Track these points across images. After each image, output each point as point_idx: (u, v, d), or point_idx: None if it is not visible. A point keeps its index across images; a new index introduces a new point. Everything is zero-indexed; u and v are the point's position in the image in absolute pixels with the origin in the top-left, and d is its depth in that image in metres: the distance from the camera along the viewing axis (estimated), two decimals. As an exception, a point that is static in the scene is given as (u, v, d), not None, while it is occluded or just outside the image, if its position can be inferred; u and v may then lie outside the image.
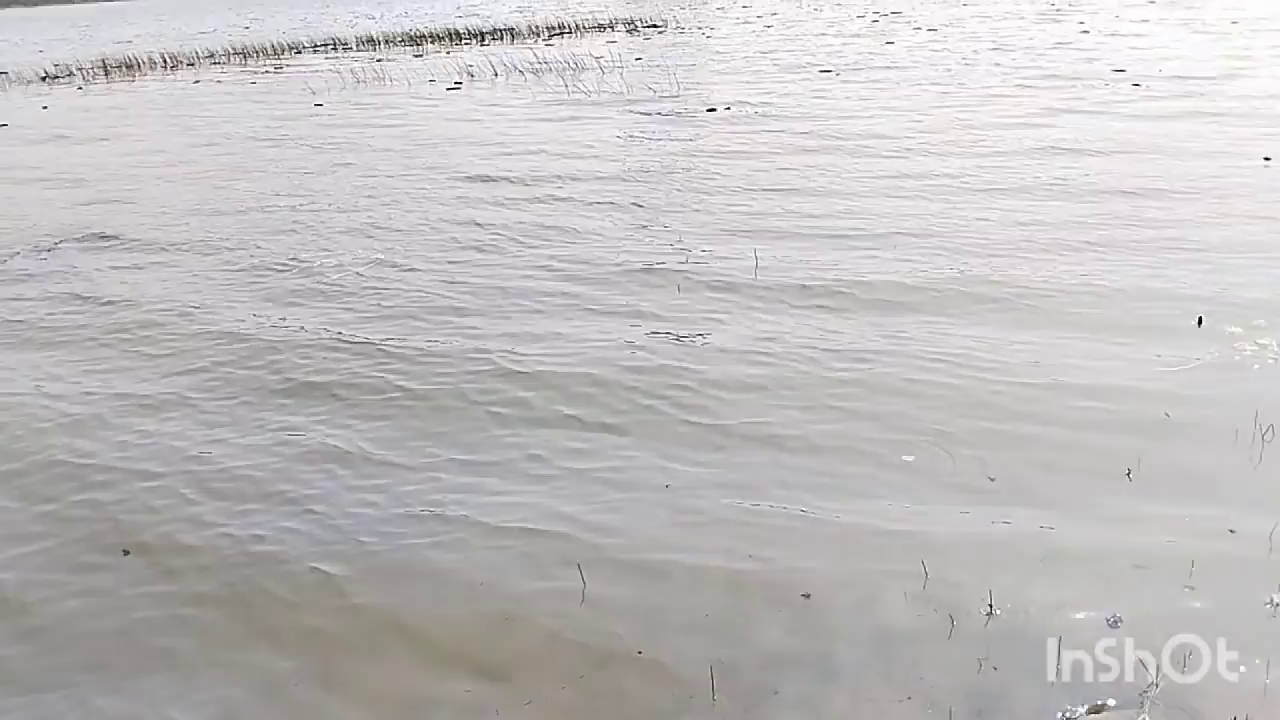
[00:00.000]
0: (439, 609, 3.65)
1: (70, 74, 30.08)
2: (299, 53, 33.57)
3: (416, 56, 29.50)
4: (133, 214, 9.99)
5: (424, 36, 35.60)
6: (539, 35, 34.01)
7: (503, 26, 36.53)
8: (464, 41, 33.76)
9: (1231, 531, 3.77)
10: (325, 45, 35.07)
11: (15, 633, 3.70)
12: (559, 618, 3.57)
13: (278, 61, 30.79)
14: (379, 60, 27.87)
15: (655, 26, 36.59)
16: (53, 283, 7.66)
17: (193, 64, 31.53)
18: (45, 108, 22.14)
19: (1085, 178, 9.14)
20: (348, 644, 3.54)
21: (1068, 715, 3.01)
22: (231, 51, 33.80)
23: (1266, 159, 9.29)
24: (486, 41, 33.21)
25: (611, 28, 36.66)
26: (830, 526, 3.99)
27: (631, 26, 36.85)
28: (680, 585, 3.70)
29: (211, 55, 33.25)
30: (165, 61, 31.82)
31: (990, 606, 3.44)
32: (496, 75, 22.14)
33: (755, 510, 4.12)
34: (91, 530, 4.25)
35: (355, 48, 34.09)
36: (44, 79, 29.27)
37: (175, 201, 10.54)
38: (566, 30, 35.58)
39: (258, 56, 32.87)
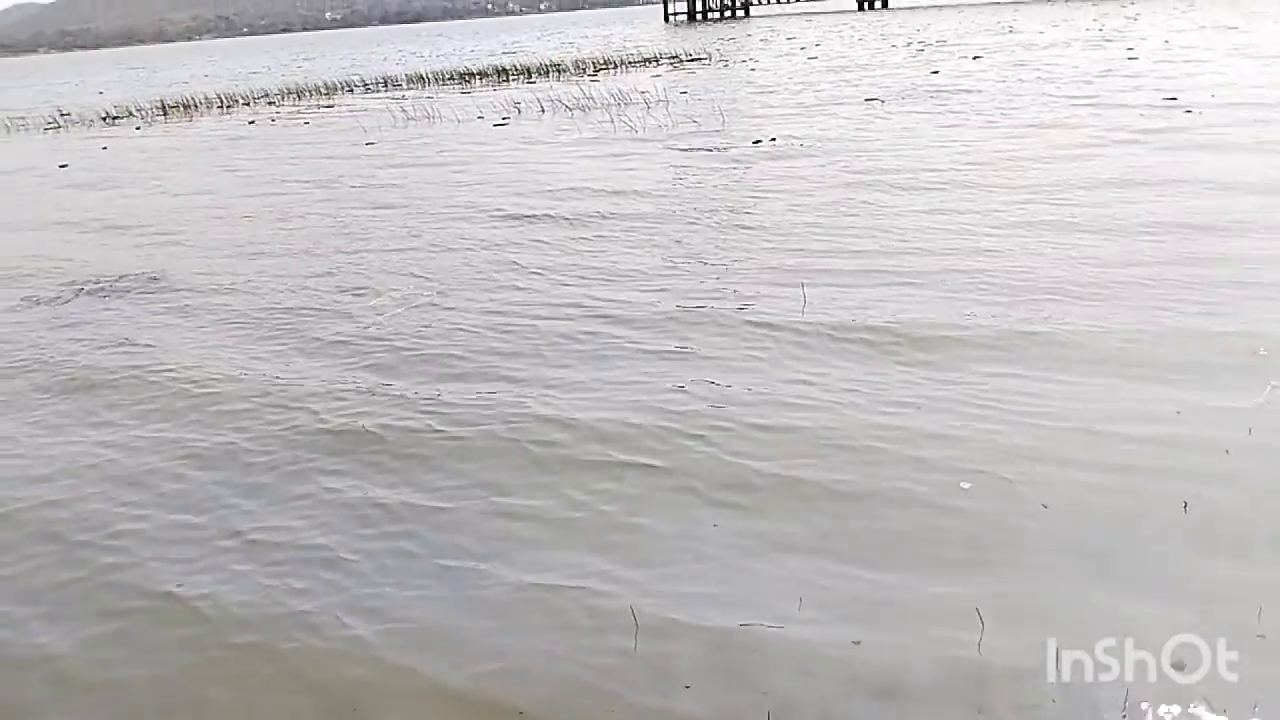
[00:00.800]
0: (474, 661, 3.59)
1: (130, 114, 30.95)
2: (350, 91, 34.24)
3: (464, 94, 29.91)
4: (182, 257, 10.17)
5: (472, 74, 36.18)
6: (584, 71, 34.35)
7: (549, 63, 36.97)
8: (511, 78, 34.20)
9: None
10: (376, 84, 35.73)
11: (46, 679, 3.70)
12: (598, 669, 3.49)
13: (330, 101, 31.38)
14: (428, 98, 28.30)
15: (699, 59, 36.84)
16: (100, 326, 7.78)
17: (248, 104, 32.27)
18: (105, 148, 22.74)
19: (1136, 212, 8.92)
20: (380, 695, 3.49)
21: None
22: (285, 91, 34.55)
23: None
24: (533, 78, 33.60)
25: (656, 62, 36.98)
26: (877, 575, 3.90)
27: (676, 60, 37.13)
28: (725, 637, 3.60)
29: (266, 95, 34.02)
30: (221, 102, 32.61)
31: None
32: (543, 111, 22.35)
33: (801, 559, 4.03)
34: (124, 577, 4.25)
35: (405, 85, 34.71)
36: (104, 119, 30.14)
37: (224, 244, 10.71)
38: (612, 65, 35.92)
39: (310, 95, 33.55)
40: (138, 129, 27.18)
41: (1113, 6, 56.70)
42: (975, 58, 28.26)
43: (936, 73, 24.79)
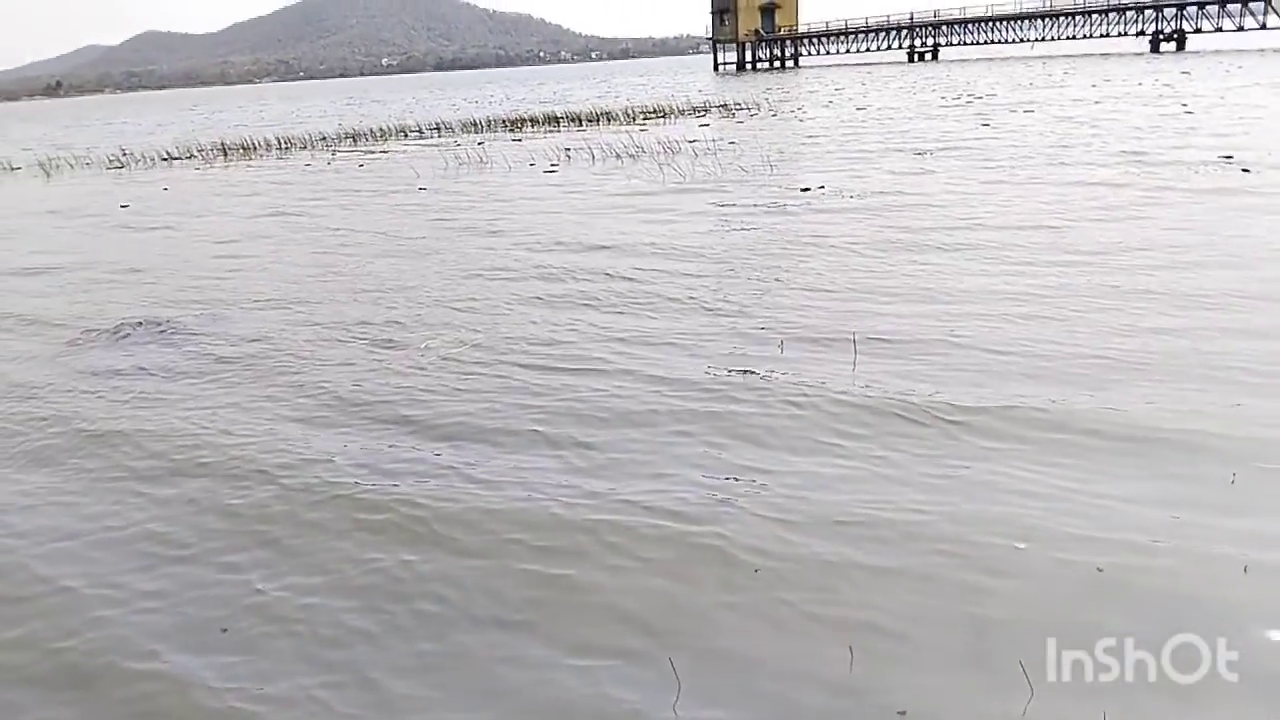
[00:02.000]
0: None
1: (190, 155, 31.80)
2: (405, 136, 34.88)
3: (516, 140, 30.31)
4: (228, 303, 10.23)
5: (524, 120, 36.69)
6: (634, 119, 34.70)
7: (599, 110, 37.41)
8: (562, 125, 34.63)
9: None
10: (430, 129, 36.38)
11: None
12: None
13: (384, 146, 31.98)
14: (480, 144, 28.71)
15: (748, 109, 37.08)
16: (138, 375, 7.78)
17: (305, 147, 32.95)
18: (165, 189, 23.31)
19: (1187, 278, 8.67)
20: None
21: None
22: (341, 135, 35.27)
23: None
24: (584, 125, 34.00)
25: (705, 111, 37.29)
26: (919, 654, 3.79)
27: (725, 109, 37.42)
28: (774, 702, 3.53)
29: (323, 138, 34.75)
30: (279, 144, 33.35)
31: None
32: (593, 159, 22.58)
33: (843, 633, 3.92)
34: (130, 643, 4.12)
35: (458, 131, 35.27)
36: (165, 159, 30.96)
37: (268, 290, 10.79)
38: (662, 114, 36.26)
39: (366, 140, 34.24)
40: (197, 169, 27.87)
41: (1166, 62, 56.32)
42: (1026, 111, 28.15)
43: (987, 125, 24.71)
